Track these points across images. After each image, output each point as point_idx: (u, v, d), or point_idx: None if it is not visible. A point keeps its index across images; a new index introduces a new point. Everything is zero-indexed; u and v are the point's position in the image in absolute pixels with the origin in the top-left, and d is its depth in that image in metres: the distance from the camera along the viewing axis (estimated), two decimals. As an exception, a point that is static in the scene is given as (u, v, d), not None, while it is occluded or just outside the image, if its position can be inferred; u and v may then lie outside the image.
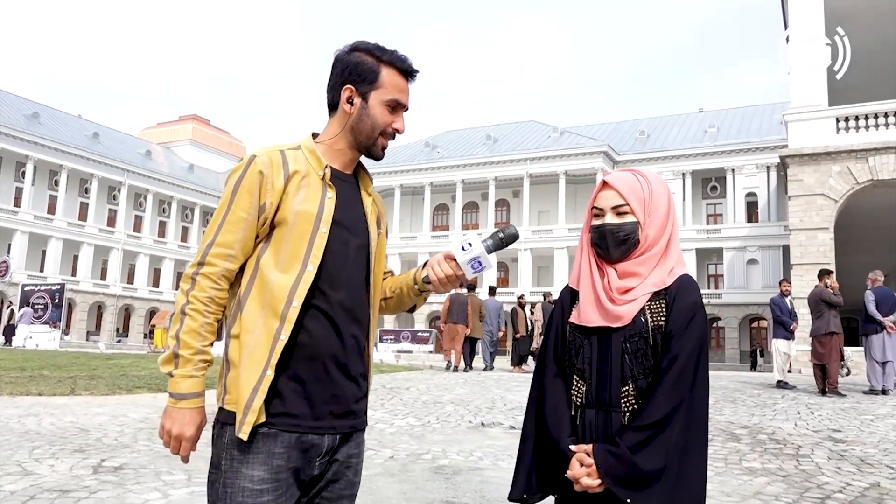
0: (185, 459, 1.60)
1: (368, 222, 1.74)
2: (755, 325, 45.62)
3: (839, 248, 18.70)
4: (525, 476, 1.80)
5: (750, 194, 46.46)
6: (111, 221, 56.93)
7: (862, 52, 22.49)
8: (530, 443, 1.82)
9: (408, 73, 1.72)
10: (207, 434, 1.63)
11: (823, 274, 10.46)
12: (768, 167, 45.45)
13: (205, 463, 1.66)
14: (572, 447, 1.68)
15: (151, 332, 26.14)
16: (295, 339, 1.59)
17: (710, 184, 48.86)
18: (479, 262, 1.69)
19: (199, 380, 1.59)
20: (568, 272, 47.00)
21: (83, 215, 54.94)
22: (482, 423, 7.61)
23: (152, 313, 54.72)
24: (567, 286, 1.89)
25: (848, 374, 13.49)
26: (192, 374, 1.57)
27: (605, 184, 1.78)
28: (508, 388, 10.44)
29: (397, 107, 1.71)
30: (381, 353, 25.47)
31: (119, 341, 52.70)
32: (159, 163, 63.19)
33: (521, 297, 16.39)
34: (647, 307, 1.68)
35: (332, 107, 1.73)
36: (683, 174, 47.85)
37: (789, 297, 11.39)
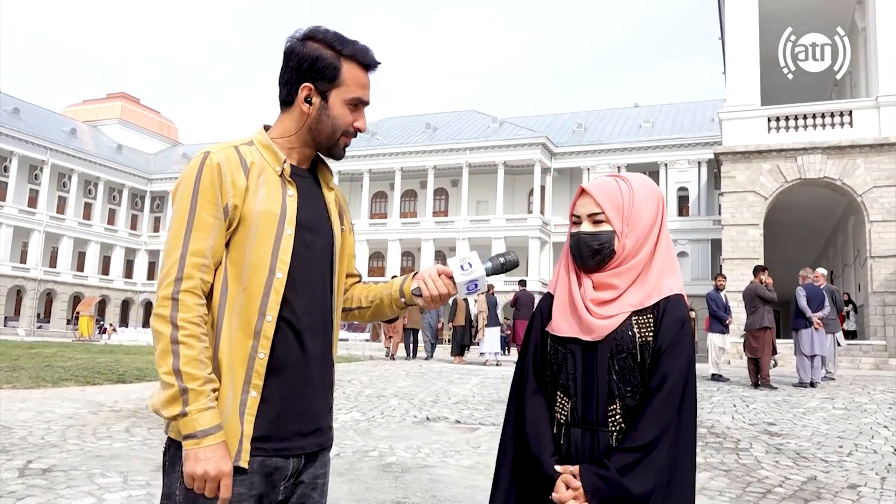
0: (227, 501, 1.41)
1: (332, 220, 1.62)
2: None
3: (768, 243, 19.36)
4: (504, 495, 1.72)
5: (682, 189, 47.71)
6: (32, 202, 54.22)
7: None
8: (509, 459, 1.74)
9: (370, 66, 1.58)
10: (152, 457, 1.48)
11: (758, 270, 10.77)
12: (699, 163, 46.72)
13: (142, 462, 1.50)
14: (557, 468, 1.60)
15: (76, 318, 25.05)
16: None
17: (644, 177, 49.96)
18: (475, 283, 1.60)
19: (216, 411, 1.41)
20: (505, 262, 47.71)
21: (2, 195, 52.23)
22: (427, 418, 7.54)
23: (76, 299, 52.63)
24: (547, 293, 1.80)
25: (775, 365, 13.99)
26: (208, 406, 1.39)
27: (582, 190, 1.70)
28: (451, 381, 10.40)
29: (359, 104, 1.57)
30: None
31: (40, 327, 50.48)
32: (85, 142, 60.51)
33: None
34: (633, 321, 1.61)
35: (286, 103, 1.58)
36: (619, 167, 48.65)
37: (723, 292, 11.70)
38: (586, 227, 1.66)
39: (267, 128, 1.62)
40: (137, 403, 7.75)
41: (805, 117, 19.00)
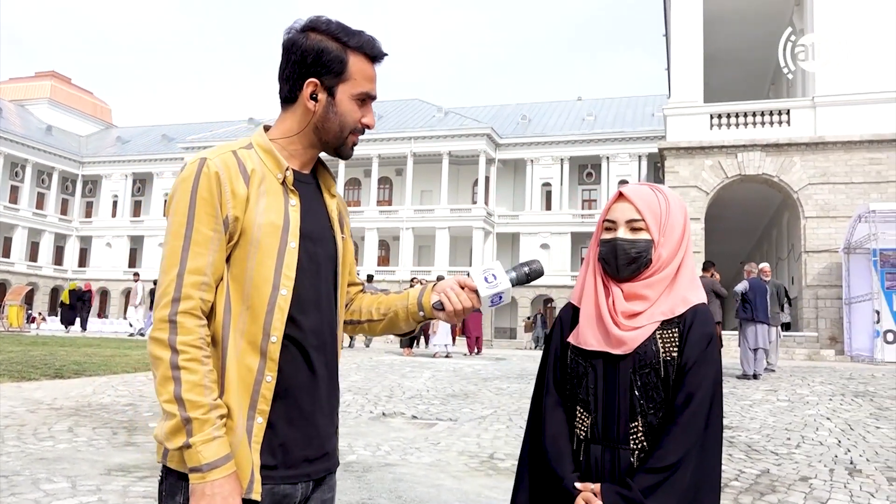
0: None
1: (334, 229, 1.51)
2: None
3: (707, 237, 19.87)
4: None
5: (623, 182, 48.57)
6: (-47, 184, 51.69)
7: (734, 52, 23.93)
8: (527, 474, 1.70)
9: (377, 58, 1.48)
10: (100, 459, 1.36)
11: (709, 265, 11.02)
12: (640, 156, 47.72)
13: (89, 465, 1.38)
14: (578, 485, 1.55)
15: (2, 307, 23.92)
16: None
17: (587, 170, 50.70)
18: (500, 296, 1.51)
19: (224, 440, 1.28)
20: (449, 252, 47.74)
21: (-80, 176, 49.51)
22: (384, 413, 7.44)
23: (2, 287, 50.34)
24: (568, 303, 1.74)
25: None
26: (213, 436, 1.27)
27: (620, 195, 1.64)
28: (404, 374, 10.31)
29: (367, 99, 1.47)
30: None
31: (-38, 316, 48.11)
32: (11, 121, 57.76)
33: (413, 278, 16.33)
34: (658, 336, 1.57)
35: (289, 100, 1.47)
36: (562, 160, 49.36)
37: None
38: (623, 233, 1.60)
39: (267, 128, 1.50)
40: (79, 400, 7.42)
41: (746, 115, 19.52)
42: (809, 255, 18.16)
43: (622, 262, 1.59)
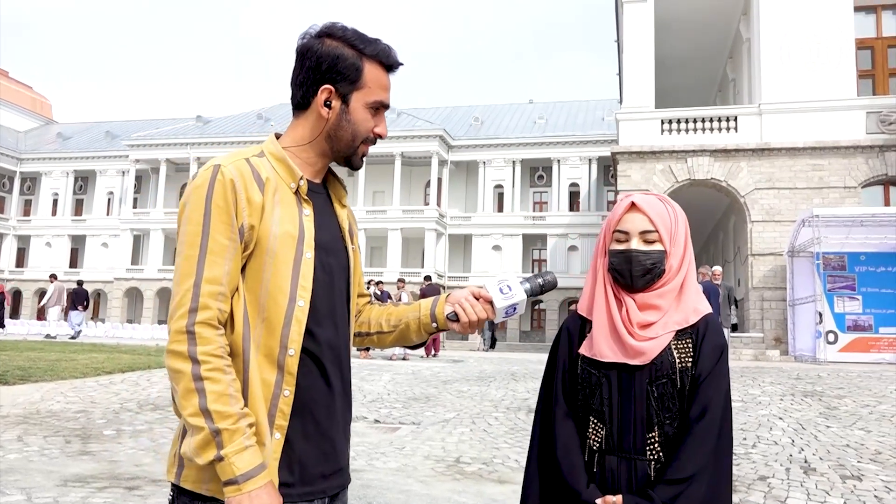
0: None
1: (346, 240, 1.50)
2: (573, 307, 48.49)
3: (658, 240, 20.23)
4: None
5: (573, 184, 49.25)
6: None
7: (682, 58, 24.50)
8: (535, 486, 1.68)
9: (392, 67, 1.46)
10: (54, 469, 1.30)
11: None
12: (590, 160, 48.40)
13: (43, 476, 1.34)
14: (598, 500, 1.55)
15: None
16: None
17: (538, 173, 51.19)
18: (514, 307, 1.50)
19: (256, 449, 1.25)
20: (402, 254, 47.62)
21: None
22: (345, 418, 7.36)
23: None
24: (574, 313, 1.74)
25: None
26: (245, 445, 1.23)
27: (633, 206, 1.65)
28: (363, 378, 10.22)
29: (380, 108, 1.45)
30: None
31: None
32: (-56, 116, 55.48)
33: (369, 280, 16.22)
34: (673, 346, 1.58)
35: (301, 106, 1.44)
36: (514, 162, 49.74)
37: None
38: (637, 244, 1.61)
39: (278, 136, 1.47)
40: (27, 408, 7.14)
41: (696, 121, 19.97)
42: (755, 258, 18.67)
43: (637, 272, 1.60)
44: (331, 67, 1.40)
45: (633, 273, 1.60)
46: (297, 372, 1.33)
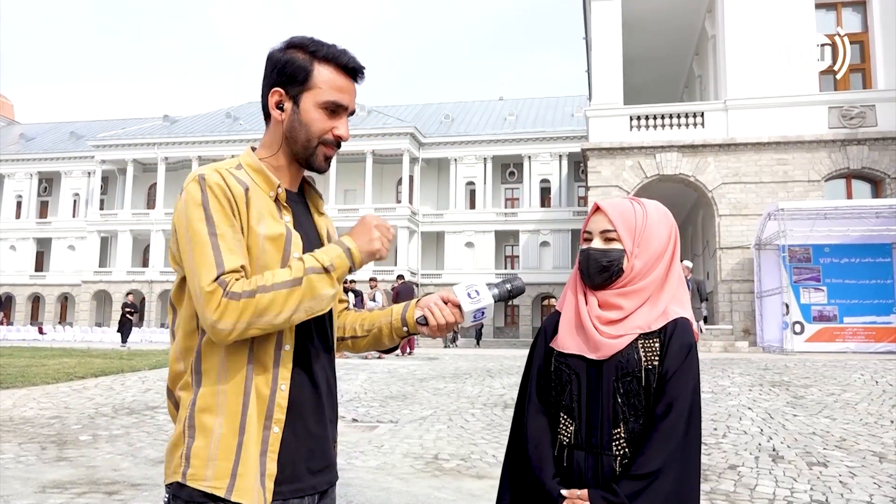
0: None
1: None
2: (546, 303, 48.94)
3: (628, 235, 20.48)
4: None
5: (544, 181, 49.57)
6: None
7: (649, 54, 24.80)
8: (510, 482, 1.74)
9: (349, 69, 1.50)
10: (31, 476, 1.35)
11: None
12: (560, 156, 48.74)
13: (21, 483, 1.39)
14: (564, 492, 1.60)
15: None
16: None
17: (509, 169, 51.44)
18: (482, 311, 1.56)
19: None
20: (374, 252, 47.59)
21: None
22: (323, 418, 7.38)
23: None
24: (554, 310, 1.81)
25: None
26: (333, 252, 1.40)
27: (597, 208, 1.72)
28: (339, 377, 10.18)
29: (337, 109, 1.48)
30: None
31: None
32: None
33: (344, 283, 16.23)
34: (640, 345, 1.63)
35: (265, 114, 1.51)
36: (485, 159, 49.91)
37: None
38: (597, 243, 1.68)
39: (254, 149, 1.52)
40: (-1, 415, 7.06)
41: (664, 117, 20.25)
42: (723, 251, 19.01)
43: (593, 270, 1.66)
44: (280, 71, 1.46)
45: (590, 271, 1.66)
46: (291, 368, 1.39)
